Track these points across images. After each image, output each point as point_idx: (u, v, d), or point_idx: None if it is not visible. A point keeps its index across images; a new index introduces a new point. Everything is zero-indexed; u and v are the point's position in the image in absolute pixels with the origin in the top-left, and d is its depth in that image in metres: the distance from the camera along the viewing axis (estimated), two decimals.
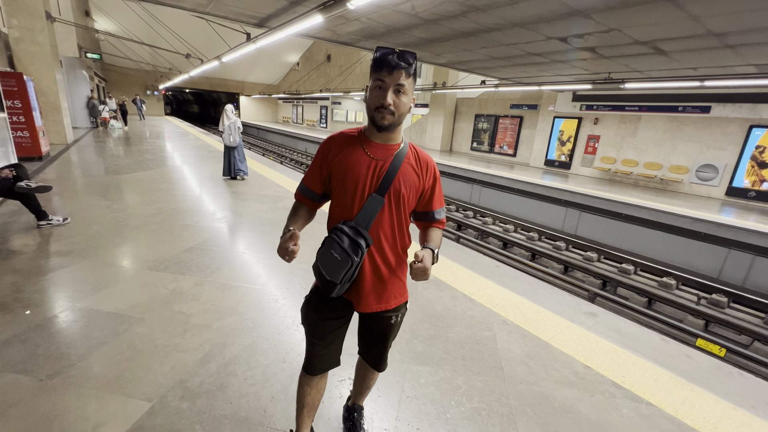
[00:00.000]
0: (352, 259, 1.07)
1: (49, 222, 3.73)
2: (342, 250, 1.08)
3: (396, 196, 1.16)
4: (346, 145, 1.18)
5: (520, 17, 4.92)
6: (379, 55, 1.06)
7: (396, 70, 1.04)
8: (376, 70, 1.06)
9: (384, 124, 1.09)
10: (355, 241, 1.09)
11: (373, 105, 1.08)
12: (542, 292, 3.13)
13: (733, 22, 4.31)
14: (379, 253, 1.20)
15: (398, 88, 1.06)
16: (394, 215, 1.18)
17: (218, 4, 5.62)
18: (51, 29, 8.75)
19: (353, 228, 1.12)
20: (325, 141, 1.22)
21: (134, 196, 5.24)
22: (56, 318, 2.25)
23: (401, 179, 1.15)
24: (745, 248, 6.31)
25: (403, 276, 1.29)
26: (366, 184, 1.14)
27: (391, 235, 1.20)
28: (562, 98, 12.13)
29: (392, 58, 1.04)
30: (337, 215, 1.21)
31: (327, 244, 1.13)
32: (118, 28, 16.70)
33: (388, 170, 1.14)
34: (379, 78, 1.06)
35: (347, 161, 1.14)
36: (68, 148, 9.02)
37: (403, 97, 1.07)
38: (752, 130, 8.49)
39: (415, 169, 1.19)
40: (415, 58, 1.07)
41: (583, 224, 8.72)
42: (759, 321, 4.86)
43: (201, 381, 1.80)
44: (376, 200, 1.14)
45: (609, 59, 6.84)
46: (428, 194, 1.25)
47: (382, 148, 1.16)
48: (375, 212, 1.14)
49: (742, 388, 2.08)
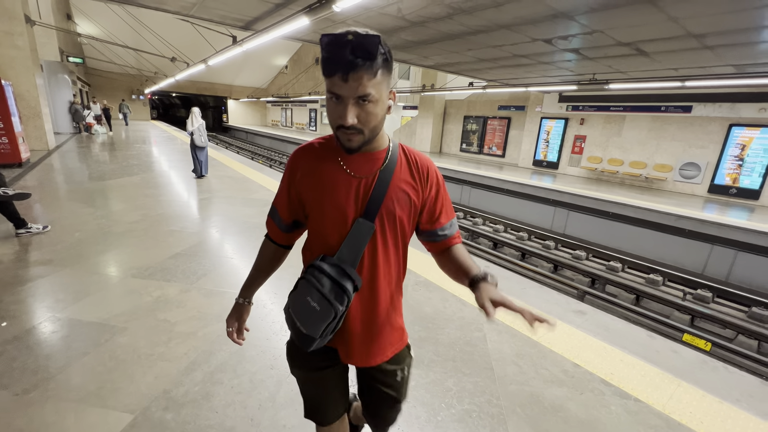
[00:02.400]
0: (336, 309, 0.83)
1: (28, 230, 3.62)
2: (321, 297, 0.83)
3: (390, 219, 0.90)
4: (317, 161, 0.91)
5: (506, 19, 4.97)
6: (326, 53, 0.73)
7: (353, 73, 0.72)
8: (325, 73, 0.76)
9: (352, 146, 0.82)
10: (338, 285, 0.85)
11: (333, 123, 0.81)
12: (532, 291, 3.15)
13: (711, 23, 4.42)
14: (371, 293, 0.94)
15: (362, 98, 0.75)
16: (389, 244, 0.93)
17: (203, 7, 5.56)
18: (31, 33, 8.55)
19: (336, 266, 0.87)
20: (292, 156, 0.96)
21: (118, 202, 5.13)
22: (34, 329, 2.18)
23: (394, 196, 0.90)
24: (728, 244, 6.46)
25: (399, 316, 1.04)
26: (348, 207, 0.88)
27: (386, 269, 0.94)
28: (548, 99, 12.30)
29: (345, 54, 0.71)
30: (314, 247, 0.95)
31: (302, 288, 0.88)
32: (101, 32, 16.41)
33: (376, 187, 0.88)
34: (331, 89, 0.76)
35: (321, 181, 0.89)
36: (50, 154, 8.81)
37: (370, 106, 0.77)
38: (732, 128, 8.71)
39: (411, 180, 0.93)
40: (378, 42, 0.73)
41: (572, 223, 8.83)
42: (743, 315, 4.97)
43: (186, 390, 1.75)
44: (364, 227, 0.88)
45: (593, 60, 6.96)
46: (433, 207, 0.98)
47: (364, 159, 0.90)
48: (363, 243, 0.89)
49: (727, 381, 2.12)
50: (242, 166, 9.22)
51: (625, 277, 5.99)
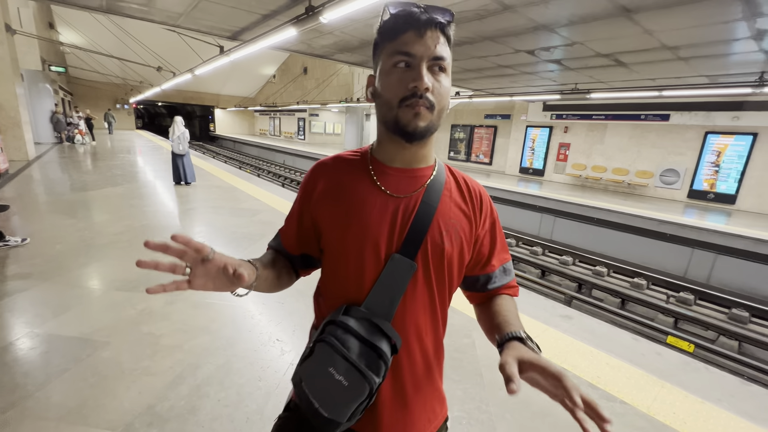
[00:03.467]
0: (371, 382, 0.61)
1: (6, 243, 3.51)
2: (350, 366, 0.61)
3: (436, 256, 0.69)
4: (342, 177, 0.72)
5: (489, 31, 5.11)
6: (395, 12, 0.63)
7: (430, 30, 0.61)
8: (392, 35, 0.63)
9: (420, 126, 0.63)
10: (372, 347, 0.63)
11: (396, 95, 0.62)
12: (520, 296, 3.18)
13: (683, 36, 4.62)
14: (408, 356, 0.71)
15: (437, 63, 0.62)
16: (434, 288, 0.71)
17: (190, 18, 5.56)
18: (11, 42, 8.40)
19: (365, 321, 0.66)
20: (310, 171, 0.77)
21: (101, 213, 5.02)
22: (12, 346, 2.10)
23: (442, 226, 0.69)
24: (707, 247, 6.66)
25: (440, 381, 0.81)
26: (382, 238, 0.67)
27: (430, 322, 0.72)
28: (533, 108, 12.59)
29: (419, 12, 0.62)
30: (331, 294, 0.73)
31: (321, 354, 0.65)
32: (84, 41, 16.20)
33: (418, 213, 0.68)
34: (401, 49, 0.62)
35: (346, 201, 0.70)
36: (30, 164, 8.58)
37: (444, 78, 0.64)
38: (708, 136, 9.06)
39: (464, 207, 0.73)
40: (452, 16, 0.65)
41: (558, 229, 8.98)
42: (723, 316, 5.11)
43: (171, 405, 1.71)
44: (402, 266, 0.67)
45: (575, 71, 7.18)
46: (486, 246, 0.77)
47: (405, 176, 0.71)
48: (401, 288, 0.67)
49: (709, 382, 2.17)
50: (230, 176, 9.14)
51: (611, 282, 6.10)
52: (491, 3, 4.07)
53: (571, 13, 4.20)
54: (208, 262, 0.57)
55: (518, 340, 0.64)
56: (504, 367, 0.54)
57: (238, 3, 4.71)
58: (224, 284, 0.60)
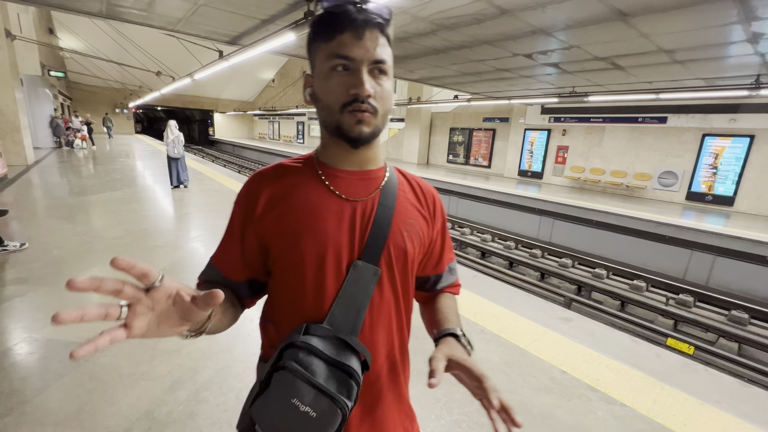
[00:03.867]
0: (343, 408, 0.54)
1: (4, 248, 3.51)
2: (318, 393, 0.53)
3: (399, 260, 0.66)
4: (289, 184, 0.65)
5: (487, 35, 5.14)
6: (330, 10, 0.59)
7: (369, 30, 0.58)
8: (328, 36, 0.58)
9: (364, 132, 0.59)
10: (340, 367, 0.57)
11: (337, 100, 0.59)
12: (519, 299, 3.18)
13: (679, 40, 4.66)
14: (377, 371, 0.66)
15: (377, 66, 0.59)
16: (399, 293, 0.67)
17: (189, 23, 5.59)
18: (11, 47, 8.42)
19: (332, 339, 0.59)
20: (248, 183, 0.68)
21: (100, 217, 5.02)
22: (10, 351, 2.10)
23: (402, 228, 0.66)
24: (706, 249, 6.67)
25: (406, 389, 0.77)
26: (343, 246, 0.62)
27: (396, 331, 0.69)
28: (531, 111, 12.64)
29: (355, 10, 0.58)
30: (286, 317, 0.65)
31: (278, 385, 0.55)
32: (84, 46, 16.24)
33: (377, 215, 0.64)
34: (338, 52, 0.57)
35: (299, 211, 0.63)
36: (29, 169, 8.58)
37: (386, 81, 0.61)
38: (705, 138, 9.09)
39: (419, 208, 0.71)
40: (390, 13, 0.62)
41: (557, 232, 8.99)
42: (723, 318, 5.11)
43: (169, 410, 1.70)
44: (366, 273, 0.62)
45: (572, 74, 7.21)
46: (438, 246, 0.76)
47: (357, 178, 0.66)
48: (366, 298, 0.62)
49: (708, 384, 2.17)
50: (228, 180, 9.15)
51: (610, 284, 6.10)
52: (489, 7, 4.10)
53: (568, 17, 4.23)
54: (155, 291, 0.45)
55: (454, 337, 0.65)
56: (432, 361, 0.56)
57: (237, 8, 4.74)
58: (175, 321, 0.47)
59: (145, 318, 0.45)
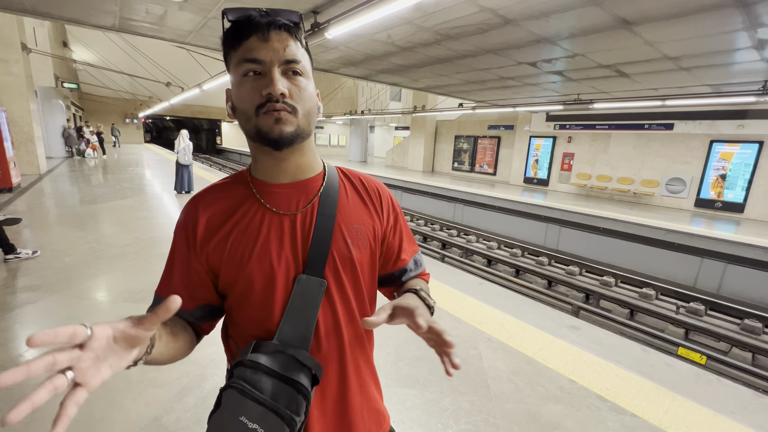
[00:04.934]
0: (291, 424, 0.55)
1: (17, 255, 3.57)
2: (264, 410, 0.54)
3: (346, 267, 0.66)
4: (224, 206, 0.65)
5: (491, 44, 5.19)
6: (235, 17, 0.59)
7: (275, 32, 0.58)
8: (235, 43, 0.59)
9: (285, 131, 0.58)
10: (288, 382, 0.57)
11: (251, 104, 0.58)
12: (525, 307, 3.16)
13: (684, 47, 4.66)
14: (336, 379, 0.67)
15: (290, 67, 0.59)
16: (352, 300, 0.67)
17: (199, 35, 5.72)
18: (26, 60, 8.67)
19: (279, 354, 0.59)
20: (184, 211, 0.67)
21: (110, 225, 5.10)
22: (21, 358, 2.13)
23: (346, 234, 0.66)
24: (717, 257, 6.57)
25: (377, 392, 0.76)
26: (282, 261, 0.62)
27: (354, 337, 0.68)
28: (536, 118, 12.66)
29: (260, 16, 0.58)
30: (241, 334, 0.66)
31: (228, 403, 0.56)
32: (96, 58, 16.67)
33: (317, 226, 0.64)
34: (246, 56, 0.57)
35: (238, 232, 0.63)
36: (41, 178, 8.76)
37: (302, 80, 0.60)
38: (713, 144, 9.02)
39: (364, 207, 0.71)
40: (300, 17, 0.61)
41: (564, 239, 8.92)
42: (736, 327, 5.01)
43: (177, 417, 1.71)
44: (311, 286, 0.63)
45: (577, 81, 7.23)
46: (393, 240, 0.75)
47: (292, 190, 0.66)
48: (314, 310, 0.63)
49: (722, 394, 2.13)
50: None
51: (619, 292, 6.02)
52: (493, 17, 4.15)
53: (572, 26, 4.27)
54: (91, 342, 0.42)
55: (413, 292, 0.68)
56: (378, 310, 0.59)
57: None
58: (121, 356, 0.46)
59: (95, 368, 0.43)
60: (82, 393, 0.41)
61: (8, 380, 0.35)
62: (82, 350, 0.41)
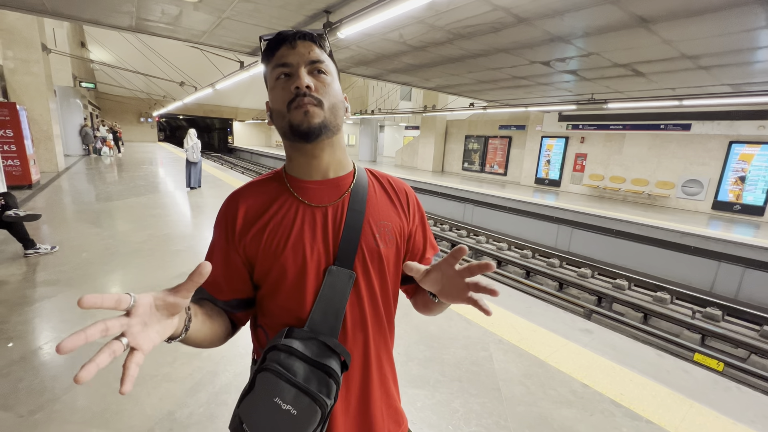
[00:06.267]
0: (323, 406, 0.58)
1: (36, 251, 3.67)
2: (298, 392, 0.57)
3: (374, 261, 0.69)
4: (262, 200, 0.70)
5: (504, 43, 5.13)
6: (269, 37, 0.67)
7: (301, 41, 0.65)
8: (269, 55, 0.66)
9: (314, 123, 0.63)
10: (320, 367, 0.60)
11: (283, 102, 0.64)
12: (537, 309, 3.12)
13: (704, 45, 4.54)
14: (359, 371, 0.69)
15: (315, 66, 0.65)
16: (378, 294, 0.70)
17: (212, 35, 5.79)
18: (46, 60, 8.89)
19: (311, 340, 0.63)
20: (225, 204, 0.72)
21: (125, 222, 5.20)
22: (40, 350, 2.18)
23: (374, 229, 0.69)
24: (735, 261, 6.39)
25: (396, 392, 0.79)
26: (315, 252, 0.66)
27: (378, 331, 0.71)
28: (548, 118, 12.49)
29: (289, 32, 0.66)
30: (272, 323, 0.69)
31: (263, 385, 0.59)
32: (113, 58, 17.01)
33: (348, 220, 0.68)
34: (278, 62, 0.65)
35: (274, 224, 0.67)
36: (59, 175, 8.98)
37: (326, 78, 0.66)
38: (732, 146, 8.78)
39: (392, 205, 0.75)
40: (324, 31, 0.70)
41: (576, 241, 8.79)
42: (755, 334, 4.87)
43: (190, 412, 1.74)
44: (341, 278, 0.66)
45: (591, 81, 7.11)
46: (419, 240, 0.78)
47: (325, 187, 0.70)
48: (343, 301, 0.66)
49: (741, 402, 2.07)
50: None
51: (632, 295, 5.91)
52: (506, 16, 4.11)
53: (587, 24, 4.19)
54: (135, 310, 0.46)
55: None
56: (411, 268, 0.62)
57: (258, 21, 4.89)
58: (165, 324, 0.50)
59: (145, 333, 0.47)
60: (139, 355, 0.45)
61: (70, 345, 0.40)
62: (129, 317, 0.46)
